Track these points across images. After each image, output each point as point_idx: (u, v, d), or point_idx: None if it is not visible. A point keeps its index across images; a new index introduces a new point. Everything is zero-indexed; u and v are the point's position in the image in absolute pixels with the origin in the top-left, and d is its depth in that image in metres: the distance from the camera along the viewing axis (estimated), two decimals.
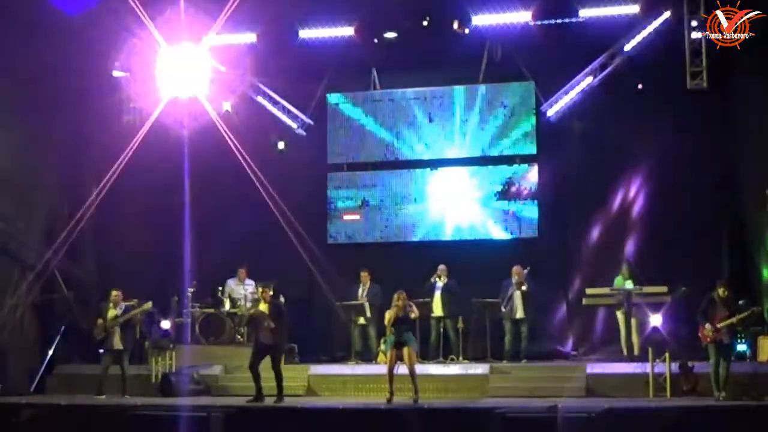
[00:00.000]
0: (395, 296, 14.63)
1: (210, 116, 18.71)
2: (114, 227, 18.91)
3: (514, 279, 16.91)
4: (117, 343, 15.77)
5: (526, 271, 16.94)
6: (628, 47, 17.43)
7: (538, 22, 17.75)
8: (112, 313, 15.88)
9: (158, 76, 18.61)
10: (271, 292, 15.26)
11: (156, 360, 16.56)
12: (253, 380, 14.67)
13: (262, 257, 18.79)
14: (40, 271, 17.94)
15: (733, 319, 14.03)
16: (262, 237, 19.18)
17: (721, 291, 14.13)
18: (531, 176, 18.81)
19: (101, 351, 16.05)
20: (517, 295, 16.84)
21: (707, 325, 14.01)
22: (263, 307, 14.93)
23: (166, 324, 16.72)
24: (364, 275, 17.52)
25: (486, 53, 18.56)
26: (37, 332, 17.82)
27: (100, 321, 15.90)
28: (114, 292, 16.06)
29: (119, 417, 13.85)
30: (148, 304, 16.19)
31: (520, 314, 16.84)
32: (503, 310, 16.80)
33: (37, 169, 18.03)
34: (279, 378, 14.72)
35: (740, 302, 14.72)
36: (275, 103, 19.49)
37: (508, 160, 19.01)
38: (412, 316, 14.67)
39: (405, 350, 14.39)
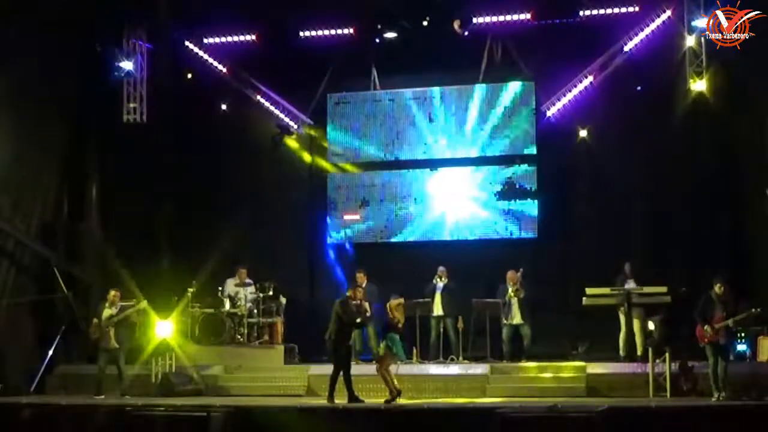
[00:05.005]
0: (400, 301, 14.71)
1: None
2: (115, 226, 18.95)
3: (510, 285, 16.88)
4: (112, 343, 15.79)
5: (519, 273, 16.91)
6: (628, 47, 17.43)
7: (538, 22, 17.76)
8: (107, 312, 15.90)
9: None
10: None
11: (156, 360, 16.56)
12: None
13: (262, 257, 18.80)
14: (39, 271, 17.96)
15: (729, 321, 14.02)
16: (262, 237, 19.19)
17: (717, 288, 14.13)
18: (531, 176, 18.80)
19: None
20: (515, 301, 16.82)
21: (706, 327, 13.99)
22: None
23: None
24: (360, 276, 17.48)
25: (486, 53, 18.56)
26: (37, 332, 17.82)
27: (95, 320, 15.93)
28: (112, 292, 16.07)
29: (119, 417, 13.85)
30: (143, 303, 16.19)
31: (518, 320, 16.82)
32: (505, 321, 16.78)
33: (37, 168, 18.04)
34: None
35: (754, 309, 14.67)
36: (275, 103, 19.48)
37: (508, 160, 19.00)
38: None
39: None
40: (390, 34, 18.44)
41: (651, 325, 16.08)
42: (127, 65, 18.89)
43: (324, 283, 19.17)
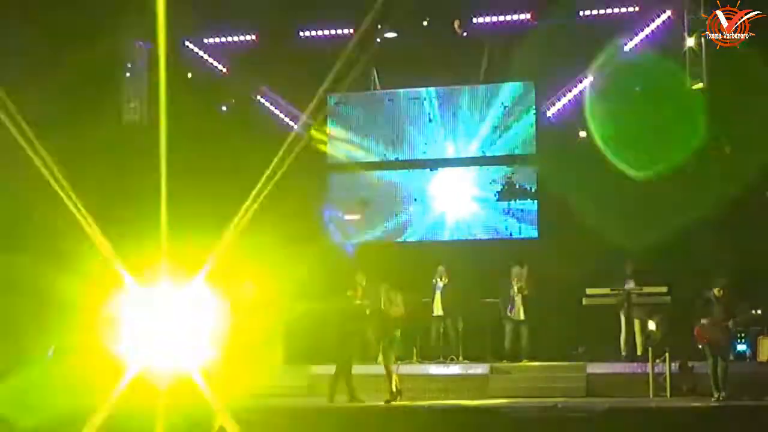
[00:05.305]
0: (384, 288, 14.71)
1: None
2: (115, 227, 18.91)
3: (514, 281, 16.88)
4: None
5: (524, 269, 16.91)
6: (628, 47, 17.43)
7: (538, 22, 17.77)
8: None
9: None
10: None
11: None
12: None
13: (263, 258, 18.77)
14: None
15: (729, 323, 14.02)
16: (263, 237, 19.16)
17: (716, 291, 14.13)
18: (531, 176, 18.80)
19: None
20: (518, 297, 16.83)
21: (705, 326, 13.99)
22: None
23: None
24: (360, 276, 17.46)
25: (486, 53, 18.57)
26: None
27: None
28: None
29: (120, 417, 13.82)
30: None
31: (521, 316, 16.83)
32: (509, 315, 16.78)
33: None
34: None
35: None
36: (275, 102, 19.48)
37: (508, 160, 19.02)
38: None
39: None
40: (390, 34, 18.45)
41: (651, 325, 16.08)
42: (127, 65, 18.89)
43: (324, 283, 19.13)
